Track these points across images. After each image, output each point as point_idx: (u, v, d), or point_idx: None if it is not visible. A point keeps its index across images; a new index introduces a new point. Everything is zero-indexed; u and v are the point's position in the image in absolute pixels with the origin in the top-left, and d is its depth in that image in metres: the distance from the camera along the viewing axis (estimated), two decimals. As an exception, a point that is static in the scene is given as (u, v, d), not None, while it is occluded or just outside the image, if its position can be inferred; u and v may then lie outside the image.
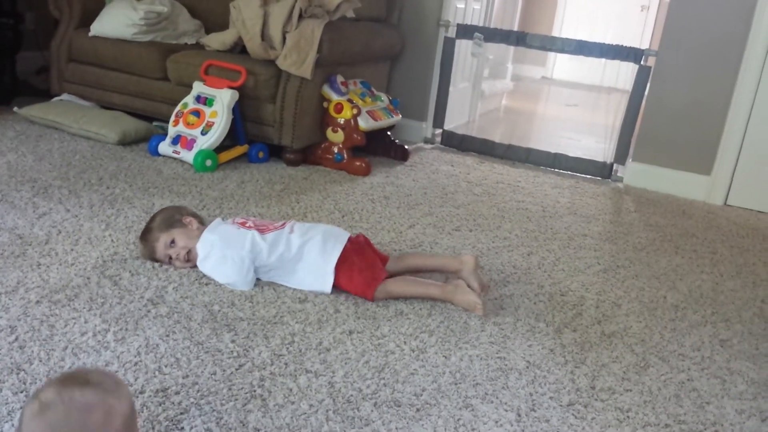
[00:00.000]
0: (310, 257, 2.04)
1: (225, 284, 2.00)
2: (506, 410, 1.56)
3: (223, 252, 2.02)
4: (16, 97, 3.88)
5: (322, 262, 2.03)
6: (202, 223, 2.18)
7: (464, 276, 2.10)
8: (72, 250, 2.12)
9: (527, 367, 1.75)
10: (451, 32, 4.00)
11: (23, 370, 1.50)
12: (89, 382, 0.94)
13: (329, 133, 3.35)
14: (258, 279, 2.05)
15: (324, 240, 2.07)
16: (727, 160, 3.49)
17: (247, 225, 2.10)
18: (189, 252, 2.07)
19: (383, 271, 2.09)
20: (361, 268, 2.05)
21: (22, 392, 1.42)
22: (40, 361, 1.53)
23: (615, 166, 3.79)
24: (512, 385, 1.66)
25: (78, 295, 1.85)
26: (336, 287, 2.03)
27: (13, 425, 1.31)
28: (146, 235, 2.11)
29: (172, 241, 2.07)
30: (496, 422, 1.51)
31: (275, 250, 2.03)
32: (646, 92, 3.64)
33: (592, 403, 1.63)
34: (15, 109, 3.54)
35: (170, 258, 2.08)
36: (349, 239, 2.12)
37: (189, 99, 3.23)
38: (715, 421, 1.61)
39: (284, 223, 2.14)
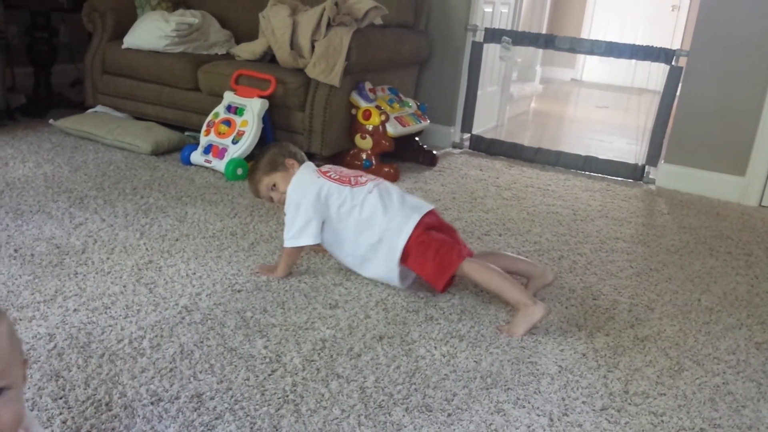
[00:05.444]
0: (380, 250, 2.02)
1: (294, 232, 2.06)
2: (538, 415, 1.55)
3: (299, 201, 2.06)
4: (52, 109, 3.96)
5: (389, 256, 2.00)
6: (303, 160, 2.21)
7: (531, 284, 2.07)
8: (108, 258, 2.17)
9: (559, 372, 1.74)
10: (479, 36, 4.00)
11: (62, 377, 1.53)
12: None
13: (358, 139, 3.37)
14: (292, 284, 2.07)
15: (394, 227, 2.00)
16: (762, 160, 3.43)
17: (327, 174, 2.10)
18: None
19: (459, 257, 1.96)
20: (437, 251, 1.96)
21: (60, 398, 1.45)
22: (78, 368, 1.57)
23: (647, 168, 3.75)
24: (544, 390, 1.66)
25: (114, 302, 1.89)
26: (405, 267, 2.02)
27: (53, 431, 1.35)
28: (252, 175, 2.22)
29: (274, 185, 2.16)
30: (528, 427, 1.51)
31: (345, 205, 2.04)
32: (678, 93, 3.60)
33: (626, 408, 1.61)
34: (51, 121, 3.63)
35: (271, 199, 2.17)
36: (431, 212, 2.05)
37: (220, 109, 3.27)
38: (751, 425, 1.59)
39: (367, 181, 2.10)
